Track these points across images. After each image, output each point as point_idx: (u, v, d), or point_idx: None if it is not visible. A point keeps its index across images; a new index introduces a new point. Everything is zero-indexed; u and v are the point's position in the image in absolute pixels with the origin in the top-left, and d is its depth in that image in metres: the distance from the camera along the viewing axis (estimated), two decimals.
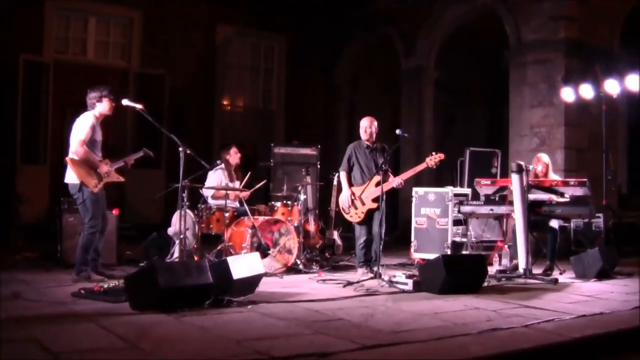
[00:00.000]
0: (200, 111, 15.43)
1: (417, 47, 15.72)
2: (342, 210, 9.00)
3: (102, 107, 7.92)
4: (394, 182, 8.61)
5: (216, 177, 9.79)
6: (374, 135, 8.93)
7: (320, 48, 16.78)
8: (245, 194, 9.83)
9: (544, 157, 9.67)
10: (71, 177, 7.71)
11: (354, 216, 8.83)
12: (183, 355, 4.31)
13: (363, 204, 8.71)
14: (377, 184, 8.49)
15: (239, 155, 10.16)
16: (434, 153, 8.70)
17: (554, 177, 9.60)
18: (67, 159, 7.71)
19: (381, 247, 8.54)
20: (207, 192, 9.74)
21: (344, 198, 8.89)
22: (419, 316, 5.90)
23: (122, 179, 8.17)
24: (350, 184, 8.90)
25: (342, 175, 9.00)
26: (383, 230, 8.64)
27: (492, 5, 13.67)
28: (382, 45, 16.58)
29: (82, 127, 7.74)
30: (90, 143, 7.76)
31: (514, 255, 9.06)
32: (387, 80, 16.84)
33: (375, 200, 8.55)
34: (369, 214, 8.69)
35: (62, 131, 8.46)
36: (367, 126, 8.89)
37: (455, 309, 6.32)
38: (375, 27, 16.40)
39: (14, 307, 5.94)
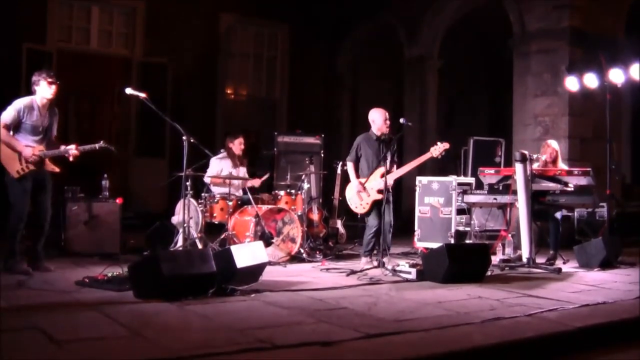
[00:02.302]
0: (203, 100, 15.40)
1: (421, 36, 15.66)
2: (348, 202, 8.94)
3: (41, 90, 7.54)
4: (408, 167, 8.71)
5: (217, 164, 9.79)
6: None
7: (323, 36, 16.75)
8: (257, 182, 9.88)
9: (553, 144, 9.64)
10: None
11: (359, 207, 8.77)
12: (186, 343, 4.32)
13: (368, 195, 8.65)
14: (382, 176, 8.44)
15: (242, 146, 10.12)
16: (439, 143, 8.60)
17: (562, 166, 9.58)
18: None
19: (390, 236, 8.62)
20: (208, 178, 9.74)
21: (351, 189, 8.83)
22: (422, 305, 5.91)
23: (56, 170, 7.70)
24: (357, 175, 8.84)
25: (350, 165, 8.85)
26: (392, 221, 8.65)
27: None
28: (384, 33, 16.52)
29: (7, 110, 7.43)
30: (19, 127, 7.42)
31: (517, 245, 9.06)
32: (389, 68, 16.80)
33: (380, 191, 8.49)
34: (375, 205, 8.64)
35: (66, 120, 8.43)
36: (384, 118, 8.71)
37: (459, 298, 6.33)
38: (377, 15, 16.33)
39: (18, 296, 5.96)
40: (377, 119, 8.75)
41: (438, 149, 8.51)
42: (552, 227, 9.23)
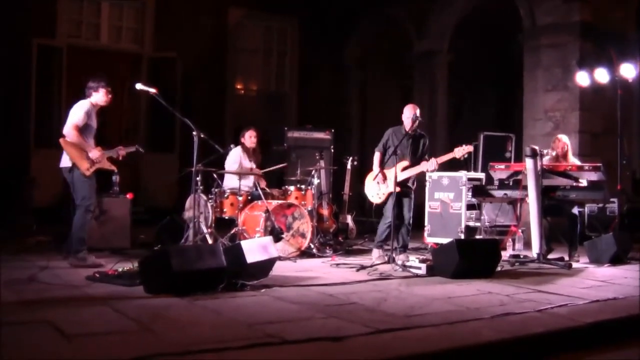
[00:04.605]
0: (213, 95, 15.39)
1: (430, 30, 15.61)
2: (365, 190, 8.99)
3: (98, 97, 7.92)
4: (426, 166, 8.65)
5: (234, 156, 9.82)
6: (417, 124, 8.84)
7: (332, 30, 16.67)
8: (261, 180, 9.91)
9: (564, 139, 9.60)
10: (64, 159, 7.74)
11: (374, 197, 8.85)
12: (195, 338, 4.33)
13: (387, 186, 8.70)
14: (404, 169, 8.50)
15: (253, 139, 10.13)
16: (464, 146, 8.63)
17: (573, 160, 9.53)
18: (60, 140, 7.73)
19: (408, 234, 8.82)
20: (227, 167, 9.77)
21: (372, 178, 8.88)
22: (432, 300, 5.91)
23: (113, 168, 8.25)
24: (381, 166, 8.85)
25: (376, 155, 8.97)
26: (410, 216, 8.71)
27: None
28: (393, 27, 16.47)
29: (77, 112, 7.77)
30: (84, 129, 7.76)
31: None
32: (398, 62, 16.75)
33: (398, 184, 8.49)
34: (390, 197, 8.65)
35: None
36: (408, 115, 8.71)
37: (468, 293, 6.32)
38: (386, 8, 16.25)
39: (29, 290, 5.99)
40: (404, 115, 8.79)
41: (461, 151, 8.56)
42: (571, 223, 9.20)
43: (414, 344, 4.39)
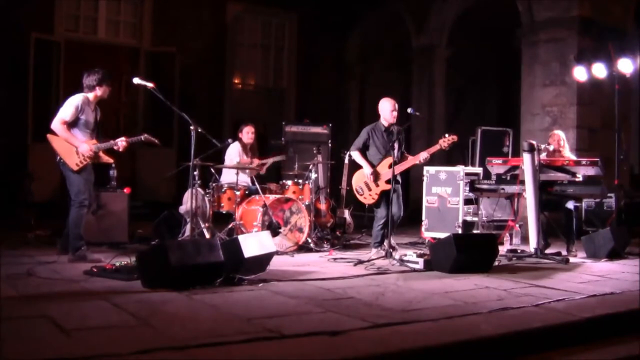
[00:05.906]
0: (211, 89, 15.40)
1: (429, 25, 15.64)
2: (355, 192, 8.90)
3: (102, 90, 7.89)
4: (418, 158, 8.57)
5: (233, 151, 9.81)
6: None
7: (331, 25, 16.68)
8: (262, 166, 9.89)
9: (559, 134, 9.62)
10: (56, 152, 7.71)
11: (367, 198, 8.76)
12: (194, 332, 4.34)
13: (377, 185, 8.65)
14: (390, 166, 8.44)
15: (250, 135, 10.09)
16: (447, 135, 8.58)
17: (568, 154, 9.55)
18: (47, 136, 7.69)
19: (395, 224, 8.71)
20: (227, 162, 9.77)
21: (362, 177, 8.79)
22: (429, 295, 5.92)
23: (110, 161, 8.14)
24: (370, 163, 8.78)
25: (357, 154, 8.82)
26: (402, 213, 8.67)
27: None
28: (393, 22, 16.47)
29: (66, 107, 7.70)
30: (75, 123, 7.68)
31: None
32: (397, 57, 16.76)
33: (388, 181, 8.47)
34: (383, 195, 8.62)
35: None
36: (391, 109, 8.67)
37: (466, 288, 6.33)
38: (385, 3, 16.27)
39: (27, 285, 5.99)
40: (384, 109, 8.74)
41: (446, 141, 8.49)
42: (566, 217, 9.21)
43: (412, 338, 4.40)
